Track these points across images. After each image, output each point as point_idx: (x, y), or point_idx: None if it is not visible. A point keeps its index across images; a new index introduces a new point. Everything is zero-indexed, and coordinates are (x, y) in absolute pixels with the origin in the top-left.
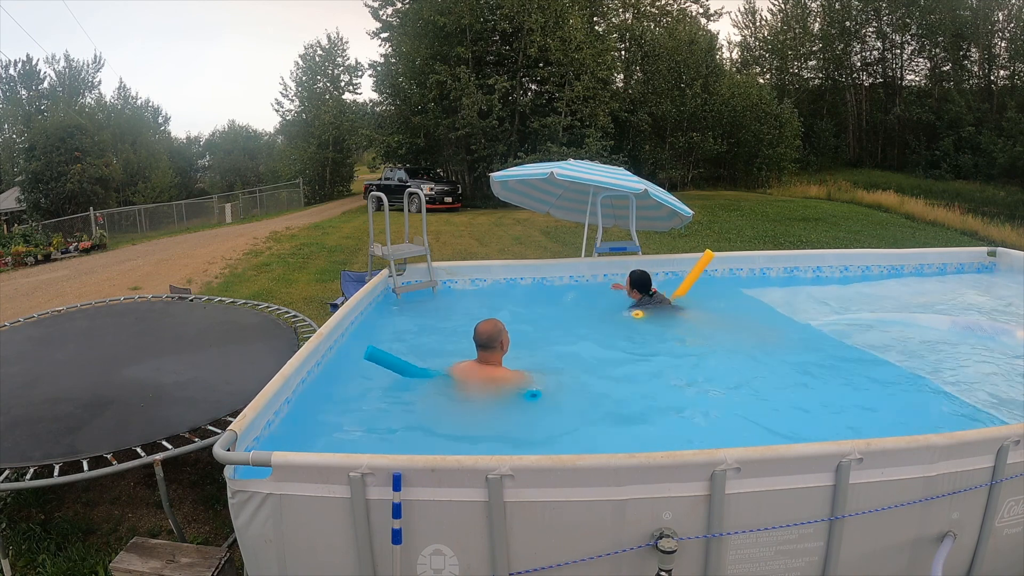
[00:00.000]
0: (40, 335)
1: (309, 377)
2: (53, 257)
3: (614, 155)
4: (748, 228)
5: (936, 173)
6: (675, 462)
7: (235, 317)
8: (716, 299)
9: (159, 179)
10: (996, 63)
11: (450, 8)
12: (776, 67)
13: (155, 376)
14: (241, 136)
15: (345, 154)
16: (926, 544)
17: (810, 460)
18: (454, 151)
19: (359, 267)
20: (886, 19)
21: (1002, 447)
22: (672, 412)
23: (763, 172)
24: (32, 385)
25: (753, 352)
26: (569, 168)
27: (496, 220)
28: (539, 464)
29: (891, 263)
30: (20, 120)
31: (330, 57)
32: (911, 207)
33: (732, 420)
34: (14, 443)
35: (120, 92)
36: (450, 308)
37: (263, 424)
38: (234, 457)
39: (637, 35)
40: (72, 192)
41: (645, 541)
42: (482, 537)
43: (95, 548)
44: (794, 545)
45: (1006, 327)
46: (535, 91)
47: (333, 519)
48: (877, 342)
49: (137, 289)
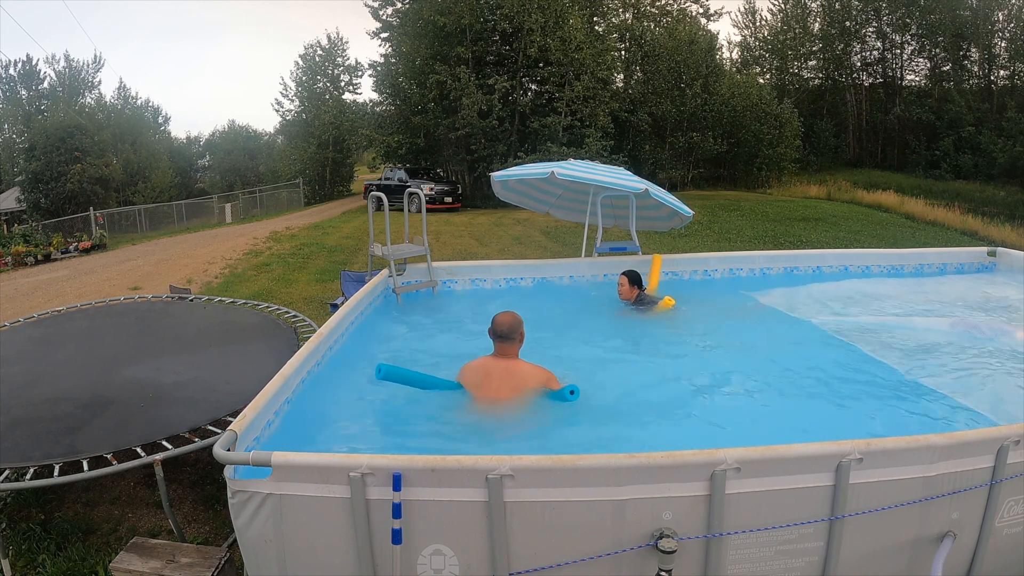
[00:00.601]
0: (40, 335)
1: (309, 377)
2: (53, 257)
3: (614, 155)
4: (748, 228)
5: (936, 173)
6: (675, 462)
7: (235, 317)
8: (707, 296)
9: (159, 179)
10: (996, 63)
11: (450, 8)
12: (776, 67)
13: (155, 376)
14: (241, 136)
15: (345, 154)
16: (926, 544)
17: (810, 460)
18: (454, 151)
19: (359, 267)
20: (886, 19)
21: (1002, 447)
22: (672, 412)
23: (763, 172)
24: (32, 385)
25: (751, 351)
26: (569, 168)
27: (496, 220)
28: (539, 464)
29: (891, 263)
30: (20, 120)
31: (330, 57)
32: (911, 207)
33: (731, 420)
34: (14, 443)
35: (120, 92)
36: (450, 308)
37: (263, 424)
38: (234, 457)
39: (637, 35)
40: (72, 192)
41: (645, 541)
42: (482, 537)
43: (95, 548)
44: (794, 545)
45: (1006, 327)
46: (535, 91)
47: (333, 519)
48: (877, 342)
49: (137, 289)
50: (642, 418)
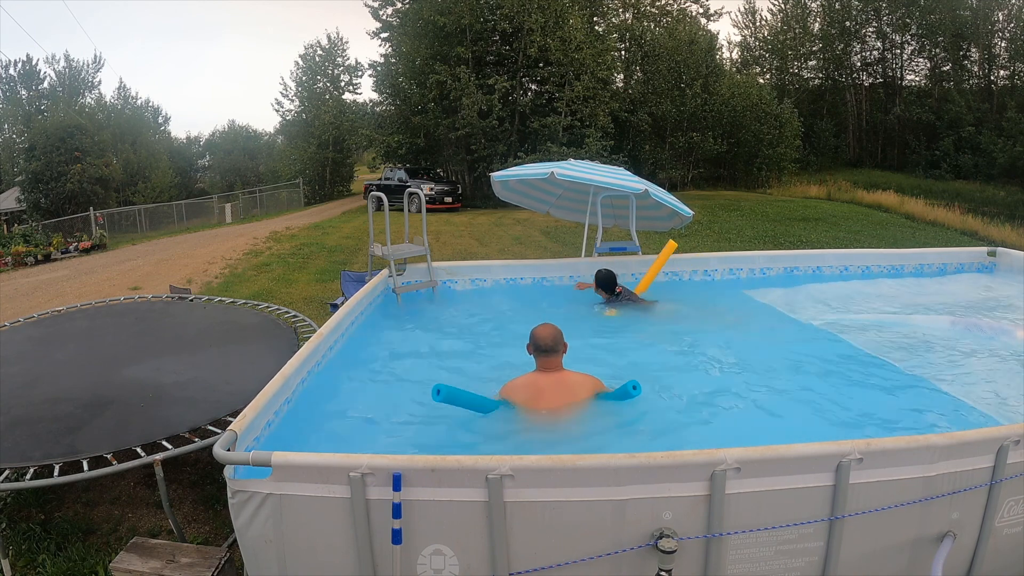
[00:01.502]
0: (40, 335)
1: (309, 377)
2: (53, 257)
3: (614, 155)
4: (748, 228)
5: (936, 173)
6: (675, 462)
7: (235, 317)
8: (686, 294)
9: (159, 179)
10: (996, 63)
11: (450, 8)
12: (776, 67)
13: (155, 376)
14: (241, 136)
15: (345, 154)
16: (926, 544)
17: (810, 460)
18: (454, 151)
19: (359, 267)
20: (886, 19)
21: (1002, 447)
22: (672, 412)
23: (763, 172)
24: (32, 385)
25: (751, 351)
26: (569, 168)
27: (496, 220)
28: (539, 464)
29: (891, 263)
30: (20, 120)
31: (330, 57)
32: (911, 207)
33: (731, 420)
34: (14, 443)
35: (120, 92)
36: (450, 308)
37: (263, 424)
38: (234, 457)
39: (637, 35)
40: (72, 192)
41: (645, 541)
42: (482, 537)
43: (95, 548)
44: (794, 545)
45: (1006, 327)
46: (535, 91)
47: (333, 519)
48: (877, 342)
49: (137, 289)
50: (643, 418)
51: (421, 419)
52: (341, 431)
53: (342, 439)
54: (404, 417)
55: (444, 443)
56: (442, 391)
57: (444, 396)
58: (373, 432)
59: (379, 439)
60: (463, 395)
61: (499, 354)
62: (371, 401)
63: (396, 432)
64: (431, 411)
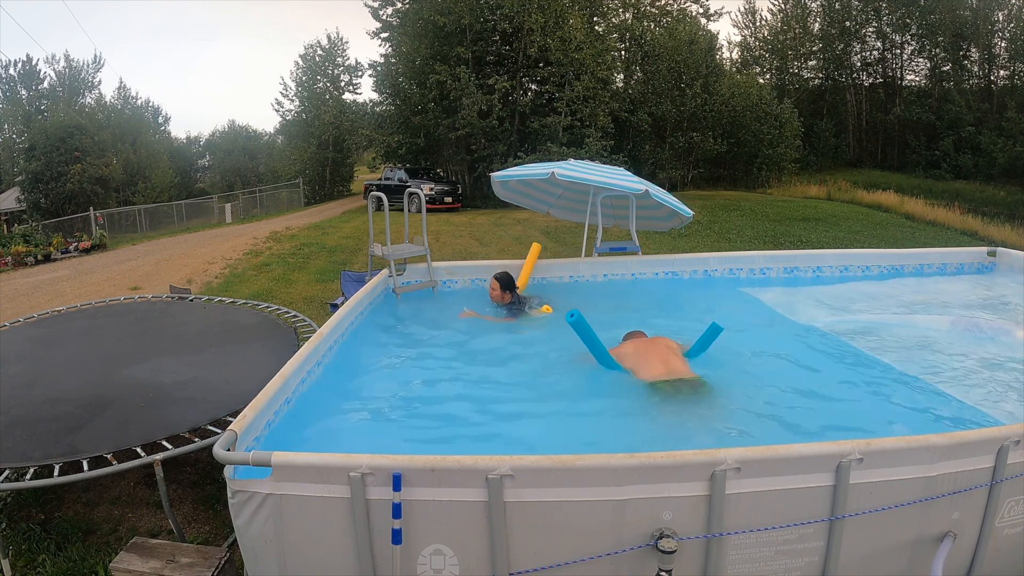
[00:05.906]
0: (40, 335)
1: (309, 377)
2: (53, 257)
3: (614, 155)
4: (748, 228)
5: (936, 173)
6: (675, 462)
7: (235, 317)
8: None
9: (159, 179)
10: (996, 63)
11: (450, 8)
12: (776, 67)
13: (155, 376)
14: (241, 136)
15: (345, 154)
16: (926, 544)
17: (810, 460)
18: (454, 151)
19: (359, 267)
20: (886, 19)
21: (1002, 447)
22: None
23: (763, 172)
24: (32, 385)
25: (751, 351)
26: (569, 168)
27: (496, 220)
28: (539, 464)
29: (891, 263)
30: (20, 120)
31: (330, 57)
32: (911, 207)
33: (731, 419)
34: (14, 443)
35: (120, 92)
36: (450, 308)
37: (263, 424)
38: (234, 457)
39: (637, 35)
40: (72, 192)
41: (645, 541)
42: (482, 537)
43: (95, 548)
44: (794, 545)
45: (1006, 327)
46: (535, 91)
47: (333, 519)
48: (877, 342)
49: (137, 289)
50: (634, 417)
51: (421, 419)
52: (341, 431)
53: (342, 439)
54: (404, 417)
55: (444, 443)
56: (576, 316)
57: (575, 322)
58: (373, 432)
59: (379, 439)
60: (591, 334)
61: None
62: (371, 401)
63: (396, 432)
64: (431, 411)
